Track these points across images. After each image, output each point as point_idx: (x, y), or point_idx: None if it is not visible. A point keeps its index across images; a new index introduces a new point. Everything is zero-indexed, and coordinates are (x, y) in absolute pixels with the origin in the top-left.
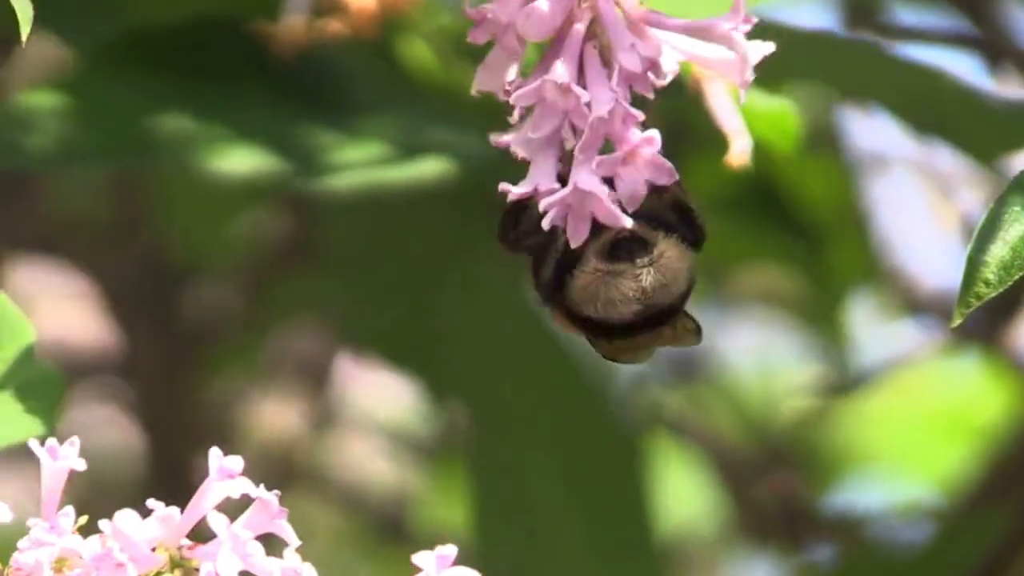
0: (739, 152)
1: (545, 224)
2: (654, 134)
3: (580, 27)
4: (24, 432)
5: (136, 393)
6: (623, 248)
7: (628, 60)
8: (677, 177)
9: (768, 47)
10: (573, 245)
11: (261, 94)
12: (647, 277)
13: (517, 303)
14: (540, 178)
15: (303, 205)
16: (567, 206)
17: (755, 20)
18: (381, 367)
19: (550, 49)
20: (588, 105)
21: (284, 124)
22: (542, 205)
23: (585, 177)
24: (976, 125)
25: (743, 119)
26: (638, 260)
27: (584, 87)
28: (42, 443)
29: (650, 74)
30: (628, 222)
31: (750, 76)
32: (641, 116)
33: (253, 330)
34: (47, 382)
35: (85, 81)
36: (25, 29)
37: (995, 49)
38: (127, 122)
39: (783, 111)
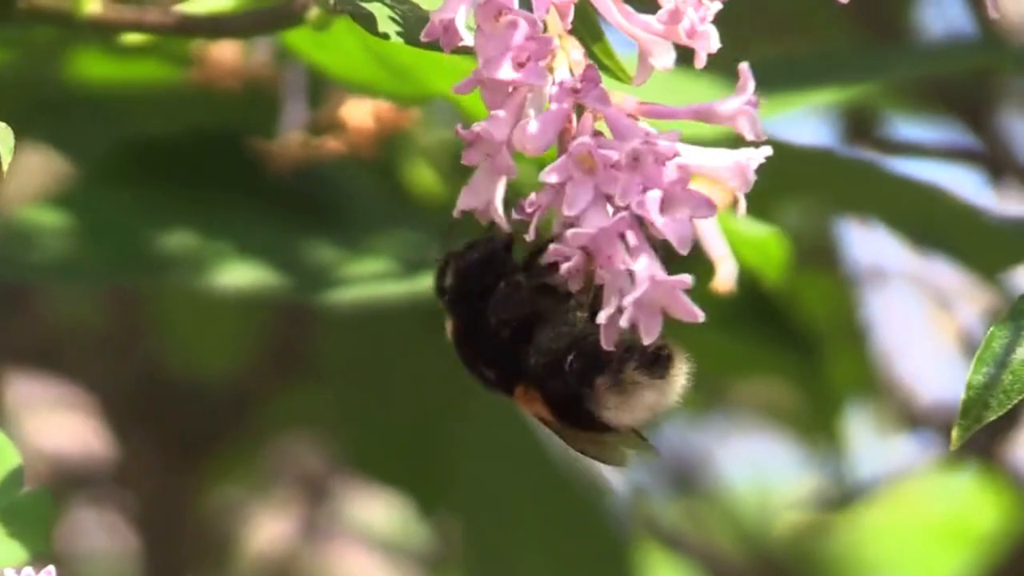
0: (725, 277)
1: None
2: (684, 162)
3: (585, 132)
4: (7, 558)
5: (133, 503)
6: (662, 362)
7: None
8: (717, 207)
9: (767, 151)
10: (646, 341)
11: (261, 208)
12: (668, 390)
13: (513, 419)
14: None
15: (303, 317)
16: (640, 306)
17: (760, 100)
18: (377, 482)
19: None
20: (615, 165)
21: (285, 239)
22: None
23: (657, 269)
24: (975, 241)
25: (730, 245)
26: (668, 374)
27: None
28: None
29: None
30: (702, 316)
31: (752, 178)
32: (672, 150)
33: (251, 441)
34: (35, 506)
35: (84, 196)
36: (7, 158)
37: (996, 163)
38: (127, 238)
39: (770, 239)
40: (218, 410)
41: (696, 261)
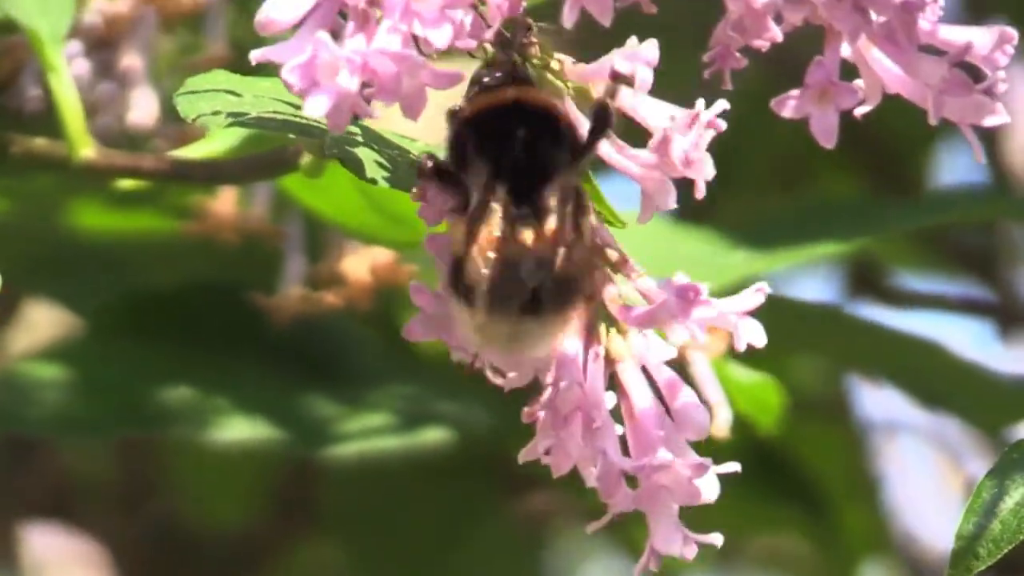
0: (721, 424)
1: None
2: None
3: None
4: None
5: None
6: None
7: None
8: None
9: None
10: None
11: (261, 362)
12: None
13: (514, 556)
14: None
15: (311, 469)
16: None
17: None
18: None
19: None
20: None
21: (285, 393)
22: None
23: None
24: (977, 398)
25: (726, 392)
26: None
27: None
28: None
29: None
30: None
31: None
32: None
33: None
34: None
35: (84, 349)
36: None
37: (1005, 314)
38: (127, 393)
39: (766, 386)
40: (231, 562)
41: None
